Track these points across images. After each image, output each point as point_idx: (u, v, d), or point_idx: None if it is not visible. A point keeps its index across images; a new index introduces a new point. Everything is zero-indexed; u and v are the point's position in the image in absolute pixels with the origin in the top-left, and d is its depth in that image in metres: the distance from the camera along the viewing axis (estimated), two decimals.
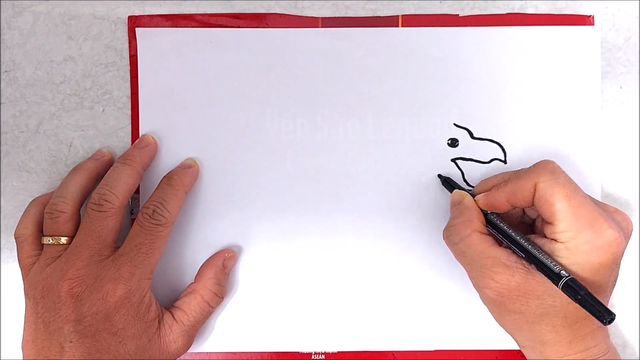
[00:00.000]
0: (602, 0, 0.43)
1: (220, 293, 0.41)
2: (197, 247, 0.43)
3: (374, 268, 0.42)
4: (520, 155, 0.43)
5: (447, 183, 0.42)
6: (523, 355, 0.41)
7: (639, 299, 0.43)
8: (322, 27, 0.43)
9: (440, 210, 0.43)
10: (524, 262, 0.36)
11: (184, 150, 0.43)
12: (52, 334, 0.36)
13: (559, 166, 0.36)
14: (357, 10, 0.43)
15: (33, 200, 0.41)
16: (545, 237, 0.36)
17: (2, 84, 0.43)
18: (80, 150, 0.44)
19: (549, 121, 0.43)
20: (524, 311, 0.36)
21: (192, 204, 0.43)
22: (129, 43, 0.43)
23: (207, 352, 0.43)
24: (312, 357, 0.43)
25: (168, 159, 0.43)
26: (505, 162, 0.43)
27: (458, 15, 0.43)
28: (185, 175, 0.41)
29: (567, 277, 0.33)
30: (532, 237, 0.36)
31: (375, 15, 0.43)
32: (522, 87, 0.43)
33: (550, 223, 0.35)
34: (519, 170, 0.38)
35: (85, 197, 0.41)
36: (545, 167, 0.36)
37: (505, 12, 0.43)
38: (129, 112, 0.43)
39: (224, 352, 0.43)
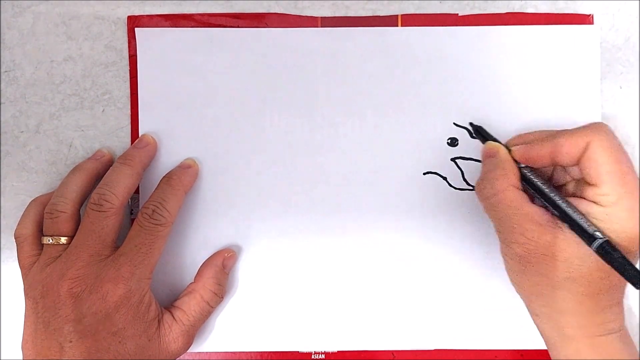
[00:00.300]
0: (602, 0, 0.43)
1: (220, 293, 0.41)
2: (196, 246, 0.43)
3: (374, 267, 0.42)
4: None
5: (479, 133, 0.41)
6: (523, 355, 0.41)
7: (639, 299, 0.43)
8: (321, 26, 0.43)
9: (440, 209, 0.43)
10: (558, 221, 0.35)
11: (183, 150, 0.43)
12: (52, 334, 0.36)
13: (613, 131, 0.35)
14: (357, 10, 0.43)
15: (33, 200, 0.41)
16: (584, 198, 0.35)
17: (2, 84, 0.43)
18: (80, 150, 0.44)
19: (549, 120, 0.43)
20: (548, 274, 0.35)
21: (191, 204, 0.43)
22: (129, 43, 0.43)
23: (207, 352, 0.43)
24: (312, 356, 0.43)
25: (168, 159, 0.43)
26: None
27: (457, 14, 0.43)
28: (185, 175, 0.41)
29: (602, 238, 0.33)
30: (570, 198, 0.36)
31: (375, 15, 0.43)
32: (521, 87, 0.43)
33: (593, 185, 0.34)
34: (565, 129, 0.37)
35: (85, 197, 0.41)
36: (600, 128, 0.35)
37: (504, 12, 0.43)
38: (129, 112, 0.43)
39: (224, 352, 0.43)
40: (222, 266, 0.41)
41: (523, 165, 0.37)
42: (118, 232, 0.39)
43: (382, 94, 0.43)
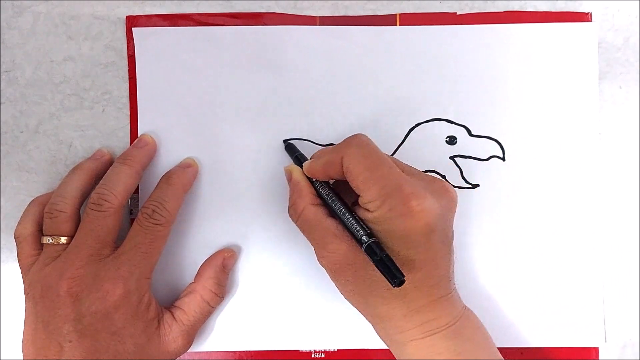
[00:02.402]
0: (601, 0, 0.43)
1: (220, 293, 0.41)
2: (197, 246, 0.43)
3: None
4: (518, 152, 0.43)
5: (290, 149, 0.42)
6: (523, 353, 0.41)
7: (639, 299, 0.43)
8: (320, 25, 0.43)
9: None
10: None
11: (182, 149, 0.43)
12: (52, 334, 0.36)
13: (367, 139, 0.37)
14: (357, 10, 0.43)
15: (33, 200, 0.41)
16: (360, 206, 0.36)
17: (2, 84, 0.43)
18: (80, 150, 0.44)
19: (547, 118, 0.43)
20: (355, 281, 0.36)
21: (191, 204, 0.43)
22: (127, 43, 0.43)
23: (207, 352, 0.43)
24: (312, 355, 0.43)
25: (167, 159, 0.43)
26: (503, 159, 0.43)
27: (456, 13, 0.43)
28: (184, 175, 0.41)
29: (367, 241, 0.34)
30: (355, 207, 0.37)
31: (374, 14, 0.43)
32: (520, 85, 0.43)
33: (359, 194, 0.36)
34: (333, 145, 0.38)
35: (85, 197, 0.41)
36: (351, 142, 0.37)
37: (502, 11, 0.43)
38: (129, 112, 0.43)
39: (224, 352, 0.43)
40: (223, 266, 0.41)
41: (317, 181, 0.38)
42: (117, 231, 0.39)
43: (380, 93, 0.43)
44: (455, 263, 0.37)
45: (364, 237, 0.34)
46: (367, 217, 0.35)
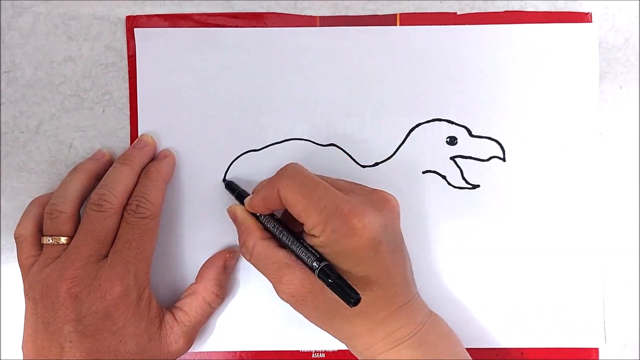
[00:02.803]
0: (601, 0, 0.43)
1: (222, 294, 0.41)
2: (197, 247, 0.43)
3: None
4: (519, 152, 0.43)
5: (230, 187, 0.42)
6: (523, 353, 0.41)
7: (639, 299, 0.43)
8: (320, 26, 0.43)
9: (439, 207, 0.43)
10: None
11: (182, 149, 0.43)
12: (52, 334, 0.36)
13: (300, 167, 0.37)
14: (357, 11, 0.43)
15: (33, 201, 0.41)
16: (307, 234, 0.37)
17: (2, 85, 0.43)
18: (80, 150, 0.44)
19: (548, 118, 0.43)
20: (317, 307, 0.37)
21: (191, 204, 0.43)
22: (127, 43, 0.43)
23: (207, 352, 0.43)
24: (312, 355, 0.43)
25: None
26: (504, 159, 0.43)
27: (456, 13, 0.43)
28: (162, 166, 0.41)
29: (319, 266, 0.34)
30: (304, 234, 0.37)
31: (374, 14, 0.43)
32: (520, 85, 0.43)
33: (302, 222, 0.36)
34: (272, 177, 0.38)
35: (85, 197, 0.41)
36: (284, 173, 0.37)
37: (502, 10, 0.43)
38: (129, 112, 0.43)
39: (224, 352, 0.43)
40: (224, 267, 0.41)
41: (262, 215, 0.39)
42: (117, 232, 0.39)
43: (380, 93, 0.43)
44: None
45: (314, 263, 0.35)
46: (315, 243, 0.36)
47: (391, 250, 0.36)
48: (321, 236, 0.35)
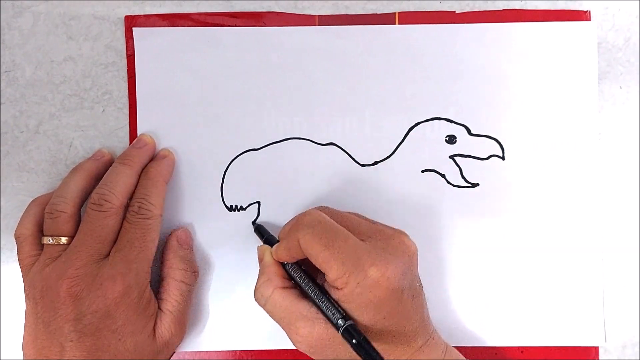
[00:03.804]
0: (602, 0, 0.43)
1: (189, 267, 0.41)
2: (197, 247, 0.43)
3: None
4: (518, 151, 0.43)
5: (259, 231, 0.42)
6: (523, 352, 0.41)
7: (639, 299, 0.43)
8: (319, 25, 0.43)
9: (438, 207, 0.43)
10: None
11: (181, 149, 0.43)
12: (53, 334, 0.37)
13: (318, 214, 0.37)
14: (357, 10, 0.43)
15: (33, 201, 0.41)
16: (331, 286, 0.36)
17: (2, 84, 0.43)
18: (80, 150, 0.44)
19: (547, 117, 0.43)
20: (338, 355, 0.36)
21: (190, 204, 0.43)
22: (126, 43, 0.43)
23: (207, 352, 0.43)
24: None
25: None
26: (503, 158, 0.43)
27: (454, 12, 0.43)
28: (162, 166, 0.41)
29: (344, 325, 0.34)
30: (327, 285, 0.36)
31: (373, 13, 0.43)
32: (519, 83, 0.43)
33: (325, 273, 0.35)
34: (292, 223, 0.38)
35: (85, 197, 0.41)
36: (302, 222, 0.36)
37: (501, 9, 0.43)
38: (128, 112, 0.43)
39: (224, 351, 0.43)
40: (178, 243, 0.41)
41: (288, 263, 0.38)
42: (118, 231, 0.39)
43: (379, 92, 0.43)
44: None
45: (339, 321, 0.34)
46: (339, 296, 0.35)
47: (411, 295, 0.36)
48: (345, 288, 0.35)
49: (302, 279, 0.37)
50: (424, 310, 0.37)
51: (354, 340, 0.33)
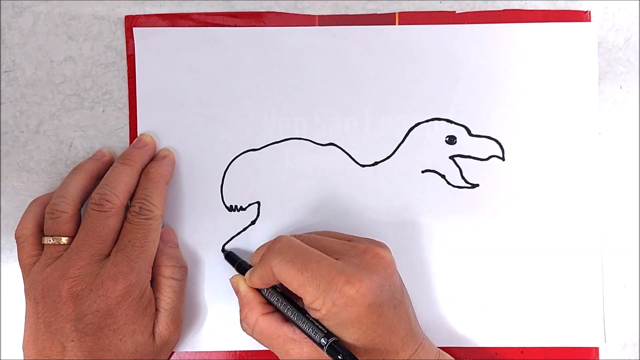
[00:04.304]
0: (602, 0, 0.43)
1: (177, 263, 0.41)
2: (196, 247, 0.43)
3: None
4: (518, 151, 0.43)
5: (230, 258, 0.42)
6: (523, 352, 0.41)
7: (639, 299, 0.43)
8: (319, 25, 0.43)
9: (438, 207, 0.43)
10: None
11: (181, 148, 0.43)
12: (54, 334, 0.37)
13: (288, 240, 0.36)
14: (357, 10, 0.43)
15: (33, 201, 0.41)
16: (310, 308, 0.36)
17: (2, 84, 0.43)
18: (80, 150, 0.44)
19: (547, 117, 0.43)
20: None
21: (190, 203, 0.43)
22: (126, 43, 0.43)
23: (207, 352, 0.43)
24: None
25: None
26: (503, 159, 0.43)
27: (454, 12, 0.43)
28: (162, 166, 0.42)
29: (327, 343, 0.34)
30: (306, 307, 0.36)
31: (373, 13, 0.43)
32: (519, 84, 0.43)
33: (302, 297, 0.35)
34: (264, 251, 0.37)
35: (85, 197, 0.41)
36: (274, 249, 0.36)
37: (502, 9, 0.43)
38: (128, 112, 0.43)
39: (224, 352, 0.43)
40: (164, 242, 0.42)
41: (265, 289, 0.38)
42: (118, 231, 0.39)
43: (379, 92, 0.43)
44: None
45: (322, 340, 0.34)
46: (318, 316, 0.35)
47: (392, 307, 0.36)
48: (322, 309, 0.35)
49: (280, 302, 0.37)
50: (411, 319, 0.37)
51: (339, 357, 0.33)
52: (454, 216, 0.43)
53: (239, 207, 0.43)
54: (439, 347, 0.39)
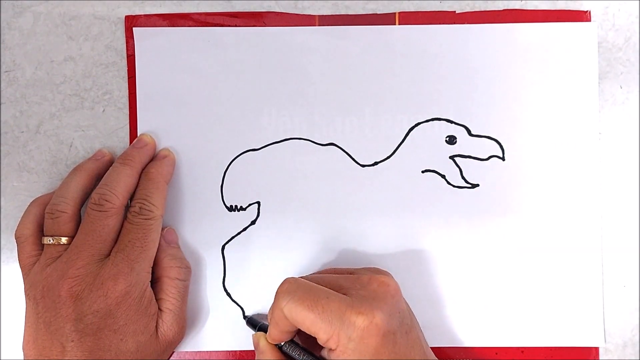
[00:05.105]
0: (602, 0, 0.43)
1: (181, 264, 0.41)
2: (196, 247, 0.43)
3: (372, 265, 0.42)
4: (518, 151, 0.43)
5: (250, 323, 0.42)
6: (523, 352, 0.41)
7: (639, 299, 0.43)
8: (319, 25, 0.43)
9: (438, 207, 0.43)
10: None
11: (181, 149, 0.43)
12: (54, 334, 0.37)
13: (294, 280, 0.36)
14: (357, 10, 0.43)
15: (33, 201, 0.41)
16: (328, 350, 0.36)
17: (2, 84, 0.43)
18: (80, 150, 0.44)
19: (547, 117, 0.43)
20: None
21: (190, 203, 0.43)
22: (127, 43, 0.43)
23: (207, 352, 0.43)
24: None
25: None
26: (503, 159, 0.43)
27: (454, 12, 0.43)
28: (162, 166, 0.42)
29: None
30: (325, 353, 0.36)
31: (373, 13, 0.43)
32: (520, 84, 0.43)
33: (316, 337, 0.35)
34: (275, 298, 0.37)
35: (85, 197, 0.41)
36: (281, 291, 0.36)
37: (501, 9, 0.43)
38: (128, 112, 0.43)
39: (224, 351, 0.43)
40: (166, 242, 0.42)
41: (285, 343, 0.38)
42: (118, 231, 0.39)
43: (379, 92, 0.43)
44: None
45: None
46: (336, 355, 0.35)
47: (405, 333, 0.36)
48: (338, 347, 0.34)
49: (300, 354, 0.37)
50: (423, 344, 0.37)
51: None
52: (454, 216, 0.43)
53: (239, 207, 0.43)
54: (440, 347, 0.39)
